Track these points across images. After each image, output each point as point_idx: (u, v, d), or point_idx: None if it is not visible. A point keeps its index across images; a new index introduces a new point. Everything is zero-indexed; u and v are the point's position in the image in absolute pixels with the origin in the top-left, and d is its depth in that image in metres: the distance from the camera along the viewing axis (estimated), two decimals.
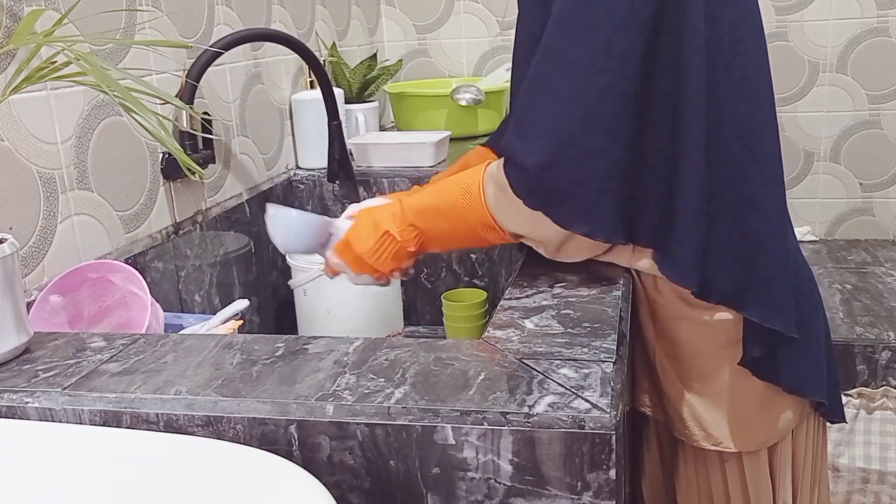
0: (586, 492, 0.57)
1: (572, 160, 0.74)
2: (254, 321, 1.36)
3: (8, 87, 0.75)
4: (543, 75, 0.76)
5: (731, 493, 0.94)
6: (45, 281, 0.91)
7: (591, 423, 0.56)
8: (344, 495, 0.61)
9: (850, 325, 1.59)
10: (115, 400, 0.62)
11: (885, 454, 1.59)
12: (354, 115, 1.71)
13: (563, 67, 0.75)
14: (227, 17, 1.34)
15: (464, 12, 2.18)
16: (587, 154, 0.74)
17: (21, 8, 0.90)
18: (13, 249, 0.69)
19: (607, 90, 0.74)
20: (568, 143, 0.74)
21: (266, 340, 0.71)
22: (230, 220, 1.31)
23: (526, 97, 0.77)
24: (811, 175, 2.09)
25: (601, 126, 0.74)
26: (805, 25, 2.00)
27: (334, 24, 1.83)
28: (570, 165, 0.75)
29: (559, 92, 0.75)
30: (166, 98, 0.77)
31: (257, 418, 0.60)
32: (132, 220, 1.08)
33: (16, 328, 0.70)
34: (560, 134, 0.74)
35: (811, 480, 0.98)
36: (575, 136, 0.74)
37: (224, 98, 1.32)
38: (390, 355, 0.67)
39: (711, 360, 0.89)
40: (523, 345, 0.68)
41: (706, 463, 0.95)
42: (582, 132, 0.74)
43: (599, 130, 0.74)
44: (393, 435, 0.58)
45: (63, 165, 0.96)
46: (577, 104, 0.74)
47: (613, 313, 0.74)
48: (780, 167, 0.87)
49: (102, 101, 1.02)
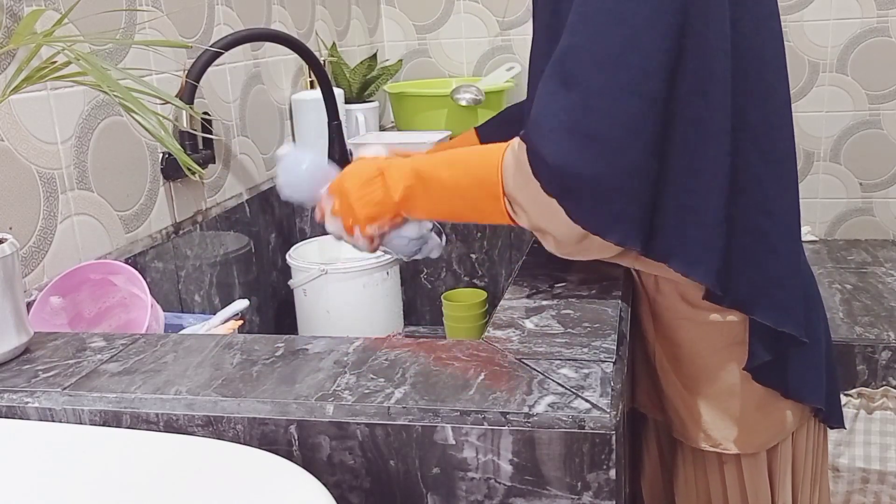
0: (586, 492, 0.57)
1: (591, 157, 0.72)
2: (254, 321, 1.36)
3: (8, 87, 0.75)
4: (565, 70, 0.74)
5: (729, 494, 0.94)
6: (45, 281, 0.91)
7: (591, 423, 0.56)
8: (344, 495, 0.61)
9: (850, 325, 1.59)
10: (115, 400, 0.62)
11: (885, 454, 1.59)
12: (354, 115, 1.71)
13: (585, 62, 0.73)
14: (227, 17, 1.34)
15: (464, 12, 2.18)
16: (607, 151, 0.72)
17: (21, 8, 0.90)
18: (13, 249, 0.69)
19: (630, 87, 0.72)
20: (588, 138, 0.72)
21: (266, 340, 0.71)
22: (230, 220, 1.31)
23: (546, 90, 0.75)
24: (811, 175, 2.09)
25: (622, 124, 0.72)
26: (805, 25, 2.00)
27: (334, 24, 1.83)
28: (589, 162, 0.72)
29: (581, 86, 0.73)
30: (166, 98, 0.77)
31: (257, 418, 0.60)
32: (132, 220, 1.08)
33: (16, 328, 0.70)
34: (580, 129, 0.73)
35: (811, 482, 0.98)
36: (596, 131, 0.72)
37: (224, 98, 1.32)
38: (390, 355, 0.67)
39: (711, 362, 0.89)
40: (523, 345, 0.68)
41: (705, 464, 0.95)
42: (603, 128, 0.72)
43: (620, 128, 0.72)
44: (393, 435, 0.58)
45: (63, 165, 0.96)
46: (599, 99, 0.72)
47: (613, 313, 0.74)
48: (795, 171, 0.87)
49: (102, 101, 1.02)
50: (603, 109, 0.72)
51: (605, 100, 0.72)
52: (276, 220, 1.47)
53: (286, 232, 1.51)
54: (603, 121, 0.72)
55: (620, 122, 0.72)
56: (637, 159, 0.73)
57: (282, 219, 1.49)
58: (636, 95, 0.72)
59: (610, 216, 0.73)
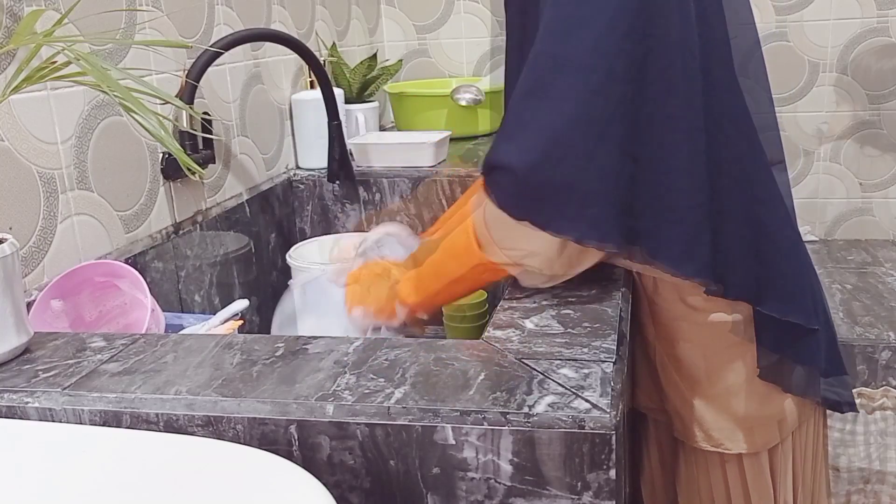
0: (586, 492, 0.57)
1: (563, 159, 0.72)
2: (254, 321, 1.36)
3: (8, 87, 0.75)
4: (532, 79, 0.74)
5: (731, 494, 0.94)
6: (45, 281, 0.91)
7: (591, 423, 0.56)
8: (344, 495, 0.61)
9: (850, 325, 1.59)
10: (115, 400, 0.62)
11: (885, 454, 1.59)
12: (354, 116, 1.71)
13: (552, 68, 0.73)
14: (227, 17, 1.34)
15: (464, 12, 2.18)
16: (578, 153, 0.72)
17: (21, 8, 0.90)
18: (13, 249, 0.69)
19: (598, 90, 0.72)
20: (558, 141, 0.72)
21: (266, 340, 0.71)
22: (230, 220, 1.31)
23: (515, 103, 0.75)
24: (811, 175, 2.09)
25: (592, 126, 0.72)
26: (805, 25, 1.99)
27: (334, 24, 1.83)
28: (561, 164, 0.72)
29: (549, 92, 0.73)
30: (166, 98, 0.77)
31: (257, 418, 0.60)
32: (132, 220, 1.08)
33: (16, 328, 0.70)
34: (551, 132, 0.72)
35: (812, 481, 0.98)
36: (566, 134, 0.72)
37: (224, 98, 1.32)
38: (390, 355, 0.67)
39: (712, 362, 0.89)
40: (523, 345, 0.68)
41: (707, 464, 0.95)
42: (572, 131, 0.72)
43: (590, 130, 0.72)
44: (393, 435, 0.58)
45: (63, 165, 0.96)
46: (568, 103, 0.72)
47: (613, 313, 0.74)
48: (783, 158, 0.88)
49: (102, 101, 1.02)
50: (570, 113, 0.72)
51: (571, 104, 0.72)
52: (276, 220, 1.47)
53: (286, 232, 1.51)
54: (571, 125, 0.72)
55: (588, 126, 0.72)
56: (607, 161, 0.72)
57: (282, 219, 1.49)
58: (602, 97, 0.72)
59: (584, 220, 0.73)
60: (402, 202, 1.48)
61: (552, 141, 0.72)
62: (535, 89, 0.74)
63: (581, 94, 0.72)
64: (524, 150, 0.73)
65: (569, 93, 0.72)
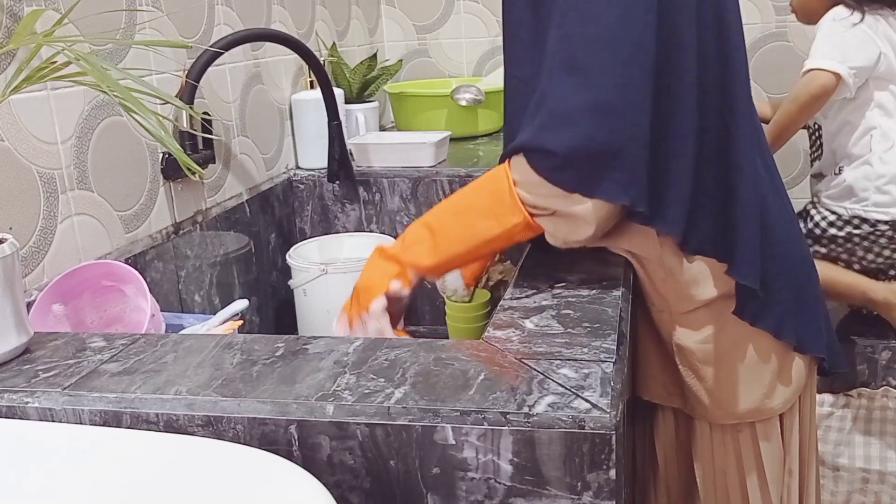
0: (586, 492, 0.57)
1: (612, 130, 0.75)
2: (254, 321, 1.36)
3: (8, 87, 0.75)
4: (566, 60, 0.77)
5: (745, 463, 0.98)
6: (45, 281, 0.91)
7: (591, 423, 0.56)
8: (344, 495, 0.61)
9: (850, 325, 1.60)
10: (115, 400, 0.62)
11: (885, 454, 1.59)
12: (354, 116, 1.71)
13: (585, 45, 0.76)
14: (227, 17, 1.34)
15: (464, 12, 2.18)
16: (625, 124, 0.75)
17: (21, 8, 0.90)
18: (13, 249, 0.69)
19: (632, 61, 0.76)
20: (606, 113, 0.75)
21: (266, 340, 0.71)
22: (230, 220, 1.31)
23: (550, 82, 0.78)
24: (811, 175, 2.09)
25: (632, 96, 0.76)
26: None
27: (334, 24, 1.84)
28: (611, 135, 0.75)
29: (587, 68, 0.76)
30: (166, 98, 0.77)
31: (257, 418, 0.60)
32: (132, 220, 1.08)
33: (16, 328, 0.70)
34: (597, 105, 0.75)
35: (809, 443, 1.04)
36: (612, 105, 0.75)
37: (224, 98, 1.32)
38: (390, 355, 0.67)
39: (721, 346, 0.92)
40: (523, 345, 0.68)
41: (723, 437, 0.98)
42: (617, 101, 0.75)
43: (631, 100, 0.76)
44: (393, 435, 0.58)
45: (63, 165, 0.96)
46: (608, 76, 0.75)
47: (613, 313, 0.74)
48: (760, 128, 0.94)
49: (102, 101, 1.02)
50: (607, 85, 0.75)
51: (608, 76, 0.76)
52: (276, 220, 1.47)
53: (286, 232, 1.51)
54: (610, 94, 0.75)
55: (625, 94, 0.76)
56: (641, 127, 0.76)
57: (282, 219, 1.49)
58: (635, 68, 0.76)
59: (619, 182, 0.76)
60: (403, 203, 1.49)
61: (601, 112, 0.75)
62: (571, 66, 0.77)
63: (619, 65, 0.76)
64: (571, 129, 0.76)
65: (605, 67, 0.76)
